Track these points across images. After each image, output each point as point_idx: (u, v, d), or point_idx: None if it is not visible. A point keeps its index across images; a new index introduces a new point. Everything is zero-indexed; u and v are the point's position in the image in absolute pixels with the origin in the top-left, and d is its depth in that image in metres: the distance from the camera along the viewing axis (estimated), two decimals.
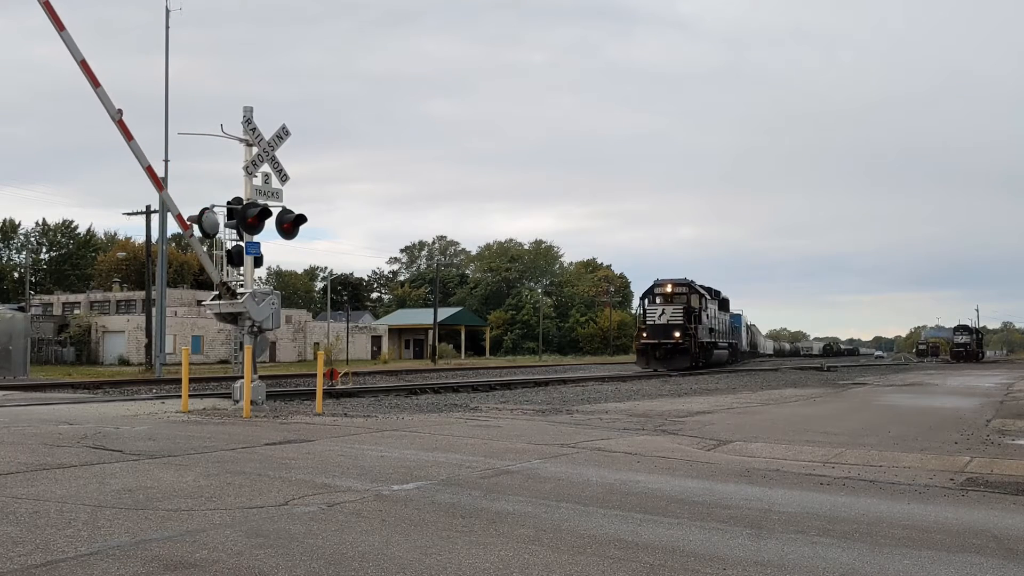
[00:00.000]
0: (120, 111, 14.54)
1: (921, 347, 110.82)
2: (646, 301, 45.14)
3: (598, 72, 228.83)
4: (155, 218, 39.12)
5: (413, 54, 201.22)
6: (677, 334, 41.68)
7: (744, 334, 64.37)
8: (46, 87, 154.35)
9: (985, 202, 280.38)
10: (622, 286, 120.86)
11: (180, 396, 14.99)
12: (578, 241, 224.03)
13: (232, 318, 15.34)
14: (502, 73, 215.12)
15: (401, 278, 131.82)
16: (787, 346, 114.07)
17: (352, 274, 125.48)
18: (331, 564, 4.69)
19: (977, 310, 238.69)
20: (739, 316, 61.53)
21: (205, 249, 15.83)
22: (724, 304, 52.95)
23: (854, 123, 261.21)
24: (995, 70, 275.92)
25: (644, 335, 42.93)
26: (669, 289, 43.96)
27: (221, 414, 13.80)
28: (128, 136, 14.66)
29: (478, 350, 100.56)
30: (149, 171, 15.08)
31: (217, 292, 15.21)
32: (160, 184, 15.91)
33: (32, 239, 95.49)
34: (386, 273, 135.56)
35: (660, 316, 42.75)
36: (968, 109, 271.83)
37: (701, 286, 46.38)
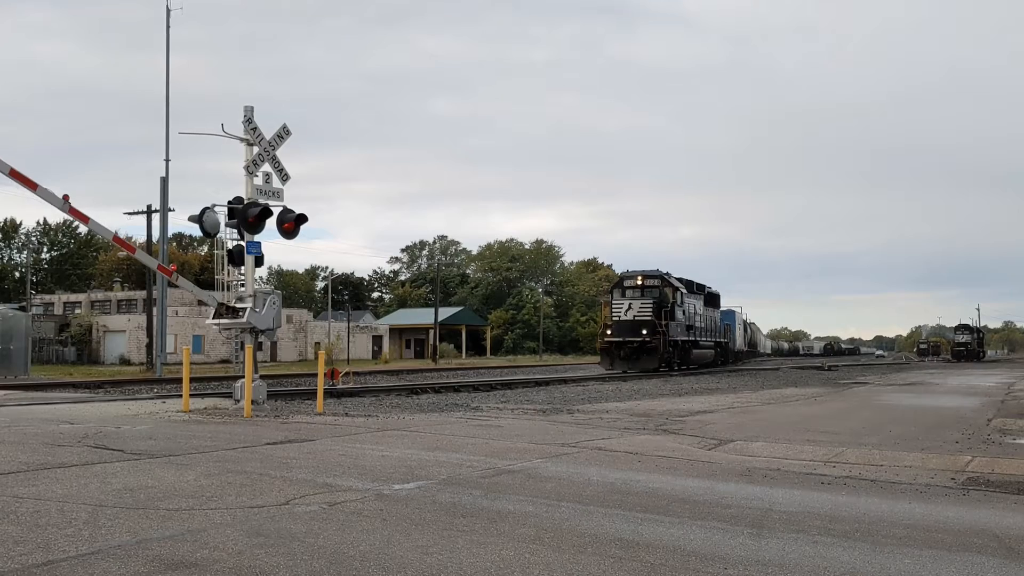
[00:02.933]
0: (66, 197, 13.61)
1: (922, 346, 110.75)
2: (613, 295, 41.35)
3: (600, 70, 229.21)
4: (156, 218, 39.16)
5: (413, 52, 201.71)
6: (644, 331, 37.42)
7: (740, 333, 61.55)
8: (46, 86, 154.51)
9: (987, 200, 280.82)
10: None
11: (181, 395, 14.98)
12: (579, 240, 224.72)
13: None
14: (503, 71, 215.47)
15: (402, 278, 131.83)
16: (785, 345, 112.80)
17: (353, 274, 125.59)
18: (332, 563, 4.69)
19: (978, 309, 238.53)
20: (732, 313, 58.34)
21: (205, 250, 15.85)
22: (712, 300, 49.08)
23: (855, 121, 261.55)
24: (996, 67, 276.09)
25: (608, 332, 38.83)
26: (638, 282, 39.88)
27: (222, 413, 13.81)
28: (84, 219, 14.26)
29: (479, 350, 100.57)
30: (116, 239, 15.22)
31: (217, 311, 15.17)
32: (131, 248, 16.12)
33: (33, 239, 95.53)
34: (387, 273, 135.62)
35: (626, 311, 38.69)
36: (969, 106, 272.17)
37: (679, 279, 42.57)
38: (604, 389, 24.46)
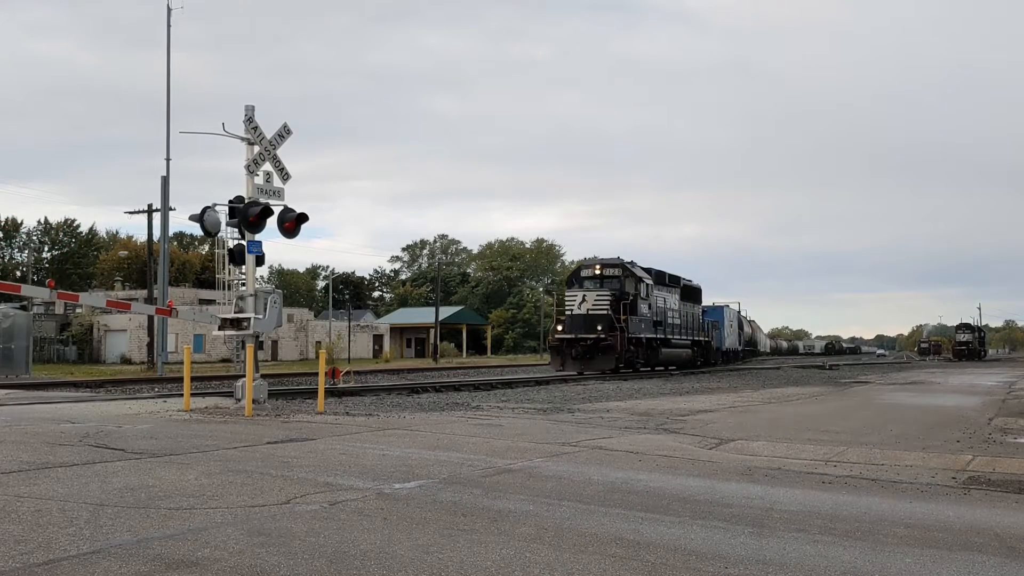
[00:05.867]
0: (51, 283, 13.86)
1: (923, 345, 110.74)
2: (568, 286, 37.36)
3: (602, 67, 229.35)
4: (157, 217, 39.16)
5: (415, 49, 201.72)
6: (599, 327, 33.22)
7: (734, 331, 58.14)
8: (46, 84, 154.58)
9: (989, 199, 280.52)
10: None
11: (182, 395, 14.99)
12: (580, 239, 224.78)
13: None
14: (505, 68, 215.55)
15: (403, 277, 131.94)
16: (784, 344, 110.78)
17: (354, 273, 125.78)
18: (333, 563, 4.69)
19: (979, 308, 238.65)
20: (720, 310, 54.45)
21: (206, 249, 15.96)
22: (691, 293, 44.52)
23: (857, 119, 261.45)
24: (998, 65, 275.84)
25: (559, 328, 34.90)
26: (596, 271, 36.02)
27: (223, 413, 13.81)
28: (74, 298, 15.88)
29: (479, 349, 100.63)
30: (110, 303, 16.10)
31: (221, 326, 15.28)
32: (126, 306, 16.84)
33: (34, 238, 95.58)
34: (387, 272, 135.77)
35: (580, 304, 34.43)
36: (972, 105, 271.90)
37: (647, 269, 38.12)
38: (605, 388, 24.46)
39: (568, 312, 34.90)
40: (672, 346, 40.20)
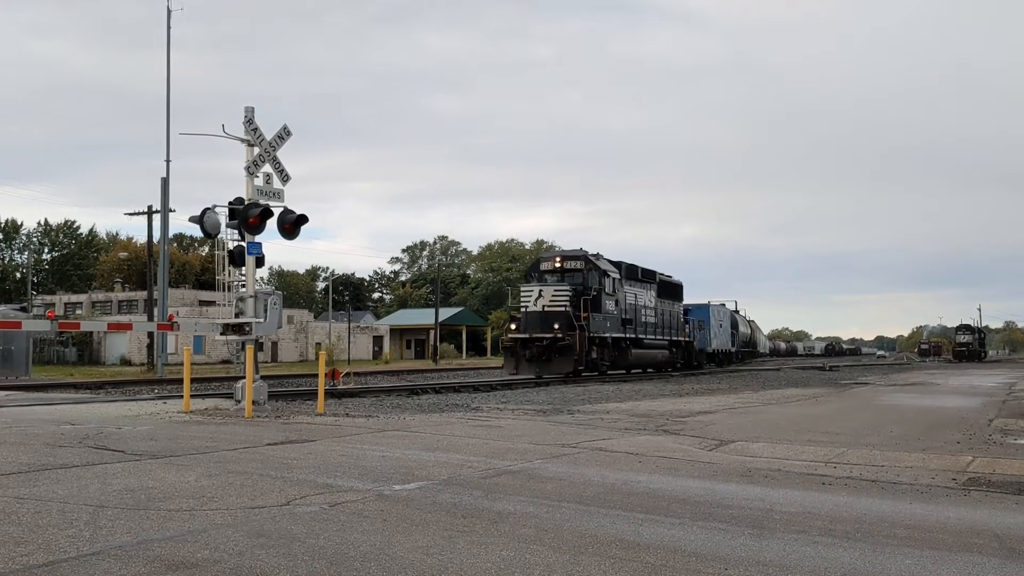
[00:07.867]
0: (51, 314, 14.75)
1: (923, 347, 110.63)
2: (526, 281, 34.35)
3: (602, 67, 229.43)
4: (156, 218, 39.16)
5: (415, 49, 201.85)
6: (557, 325, 30.12)
7: (721, 330, 54.94)
8: (46, 84, 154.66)
9: (988, 200, 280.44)
10: None
11: (182, 396, 14.99)
12: (580, 240, 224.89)
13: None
14: (505, 68, 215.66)
15: (402, 278, 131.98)
16: (783, 345, 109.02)
17: (354, 274, 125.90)
18: (333, 564, 4.69)
19: (979, 309, 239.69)
20: (706, 308, 50.50)
21: (206, 251, 16.00)
22: (669, 290, 40.95)
23: (857, 119, 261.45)
24: (998, 64, 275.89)
25: (513, 327, 31.49)
26: (556, 264, 32.75)
27: (223, 414, 13.81)
28: (76, 326, 16.48)
29: (479, 350, 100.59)
30: (111, 326, 16.27)
31: (223, 332, 15.35)
32: (128, 326, 16.89)
33: (34, 239, 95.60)
34: (387, 273, 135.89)
35: (536, 300, 31.04)
36: (972, 105, 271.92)
37: (615, 262, 34.93)
38: (604, 389, 24.45)
39: (523, 309, 31.57)
40: (645, 346, 37.02)
